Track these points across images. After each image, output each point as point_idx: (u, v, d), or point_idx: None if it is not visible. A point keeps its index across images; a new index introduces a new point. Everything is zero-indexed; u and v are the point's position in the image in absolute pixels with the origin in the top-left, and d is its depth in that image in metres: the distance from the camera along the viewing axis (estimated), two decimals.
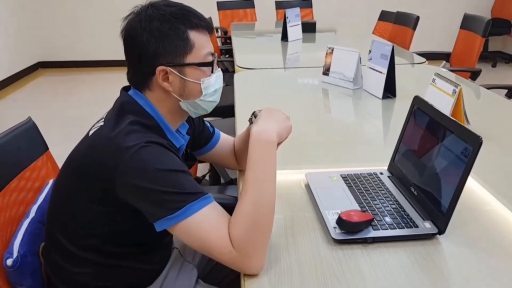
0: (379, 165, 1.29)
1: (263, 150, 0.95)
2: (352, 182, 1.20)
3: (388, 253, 0.95)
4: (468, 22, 3.02)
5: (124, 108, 1.00)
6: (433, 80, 1.67)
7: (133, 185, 0.90)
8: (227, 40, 4.76)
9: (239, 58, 2.91)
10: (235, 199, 1.32)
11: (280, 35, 3.51)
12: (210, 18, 3.87)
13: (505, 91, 2.36)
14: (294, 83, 2.39)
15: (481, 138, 0.91)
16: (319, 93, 2.21)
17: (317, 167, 1.30)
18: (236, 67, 2.66)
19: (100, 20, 5.76)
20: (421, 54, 2.90)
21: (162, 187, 0.89)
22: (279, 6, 5.28)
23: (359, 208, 1.08)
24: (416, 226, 1.00)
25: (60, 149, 1.47)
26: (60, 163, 1.09)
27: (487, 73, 2.64)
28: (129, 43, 1.01)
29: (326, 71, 2.25)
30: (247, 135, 1.23)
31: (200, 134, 1.25)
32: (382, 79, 1.96)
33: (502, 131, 1.68)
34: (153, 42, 0.97)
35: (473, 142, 0.93)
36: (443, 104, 1.55)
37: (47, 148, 1.26)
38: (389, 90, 1.98)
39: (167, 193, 0.89)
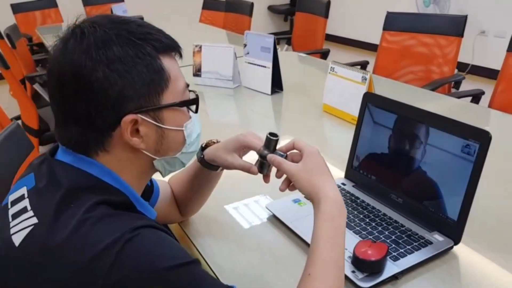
0: None
1: (340, 227, 0.72)
2: None
3: (419, 283, 0.81)
4: (304, 4, 3.08)
5: (74, 186, 0.61)
6: (332, 69, 1.58)
7: None
8: (33, 47, 4.01)
9: None
10: None
11: None
12: (15, 24, 3.17)
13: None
14: None
15: (489, 132, 0.83)
16: None
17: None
18: None
19: None
20: None
21: None
22: (87, 2, 4.69)
23: (358, 237, 0.91)
24: (430, 243, 0.88)
25: None
26: None
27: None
28: (69, 87, 0.62)
29: (197, 72, 2.00)
30: (193, 172, 0.94)
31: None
32: (268, 73, 1.81)
33: None
34: (116, 79, 0.61)
35: (478, 138, 0.84)
36: (353, 92, 1.48)
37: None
38: (276, 84, 1.85)
39: None
